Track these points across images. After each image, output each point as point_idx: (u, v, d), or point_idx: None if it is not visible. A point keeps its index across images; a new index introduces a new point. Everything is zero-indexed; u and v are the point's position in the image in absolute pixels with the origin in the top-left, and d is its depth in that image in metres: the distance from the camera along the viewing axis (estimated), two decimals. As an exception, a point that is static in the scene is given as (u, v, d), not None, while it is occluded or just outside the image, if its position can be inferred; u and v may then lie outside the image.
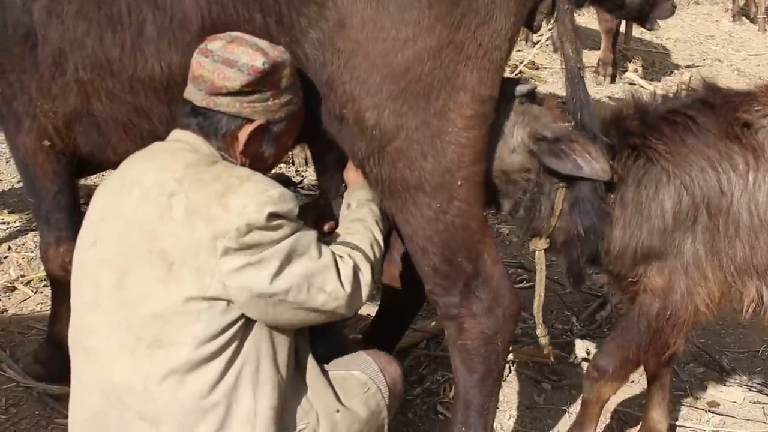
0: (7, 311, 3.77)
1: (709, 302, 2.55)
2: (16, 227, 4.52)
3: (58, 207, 2.87)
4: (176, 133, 2.25)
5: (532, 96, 2.53)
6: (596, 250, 2.58)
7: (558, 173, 2.47)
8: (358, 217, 2.41)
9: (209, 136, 2.21)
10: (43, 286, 3.87)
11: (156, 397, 2.06)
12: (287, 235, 2.09)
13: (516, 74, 7.39)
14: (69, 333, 2.24)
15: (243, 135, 2.21)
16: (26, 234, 4.43)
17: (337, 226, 2.49)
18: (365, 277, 2.24)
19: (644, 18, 5.84)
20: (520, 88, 2.47)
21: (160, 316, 2.06)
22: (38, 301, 3.84)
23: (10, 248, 4.31)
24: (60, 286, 3.04)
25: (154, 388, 2.06)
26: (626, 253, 2.57)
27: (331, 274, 2.15)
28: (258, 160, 2.29)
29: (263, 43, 2.19)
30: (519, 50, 8.18)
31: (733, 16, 10.31)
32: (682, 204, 2.49)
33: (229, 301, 2.06)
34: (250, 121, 2.20)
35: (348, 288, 2.17)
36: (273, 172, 5.16)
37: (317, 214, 2.64)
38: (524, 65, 7.45)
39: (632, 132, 2.58)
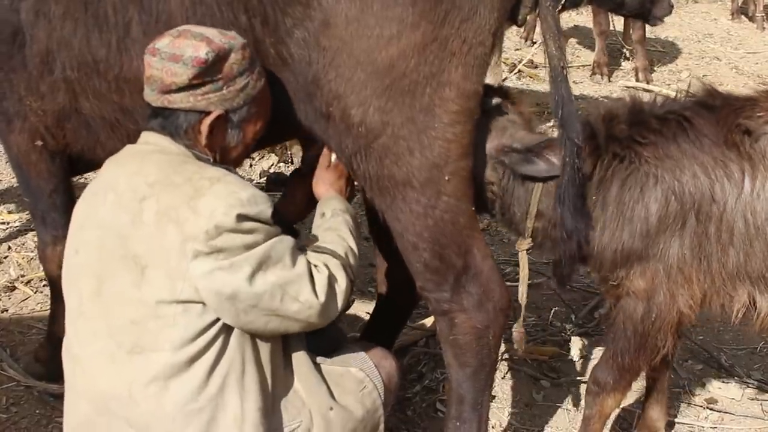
0: (7, 311, 3.80)
1: (692, 304, 2.52)
2: (16, 227, 4.55)
3: (54, 206, 2.88)
4: (145, 136, 2.23)
5: (498, 108, 2.55)
6: (581, 251, 2.53)
7: (535, 177, 2.51)
8: (332, 226, 2.39)
9: (173, 135, 2.19)
10: (43, 285, 3.89)
11: (141, 404, 2.07)
12: (261, 240, 2.07)
13: (515, 73, 7.39)
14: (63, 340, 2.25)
15: (204, 128, 2.18)
16: (26, 234, 4.45)
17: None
18: (340, 285, 2.23)
19: (646, 15, 5.82)
20: (487, 102, 2.49)
21: (137, 322, 2.06)
22: (38, 301, 3.87)
23: (10, 248, 4.35)
24: (58, 286, 3.06)
25: (139, 395, 2.07)
26: (605, 254, 2.53)
27: (305, 284, 2.13)
28: (227, 151, 2.27)
29: (210, 32, 2.16)
30: (518, 49, 8.17)
31: (732, 15, 10.25)
32: (669, 208, 2.44)
33: (203, 304, 2.05)
34: (208, 113, 2.17)
35: (322, 298, 2.16)
36: (273, 171, 5.15)
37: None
38: (523, 64, 7.42)
39: (618, 135, 2.53)
